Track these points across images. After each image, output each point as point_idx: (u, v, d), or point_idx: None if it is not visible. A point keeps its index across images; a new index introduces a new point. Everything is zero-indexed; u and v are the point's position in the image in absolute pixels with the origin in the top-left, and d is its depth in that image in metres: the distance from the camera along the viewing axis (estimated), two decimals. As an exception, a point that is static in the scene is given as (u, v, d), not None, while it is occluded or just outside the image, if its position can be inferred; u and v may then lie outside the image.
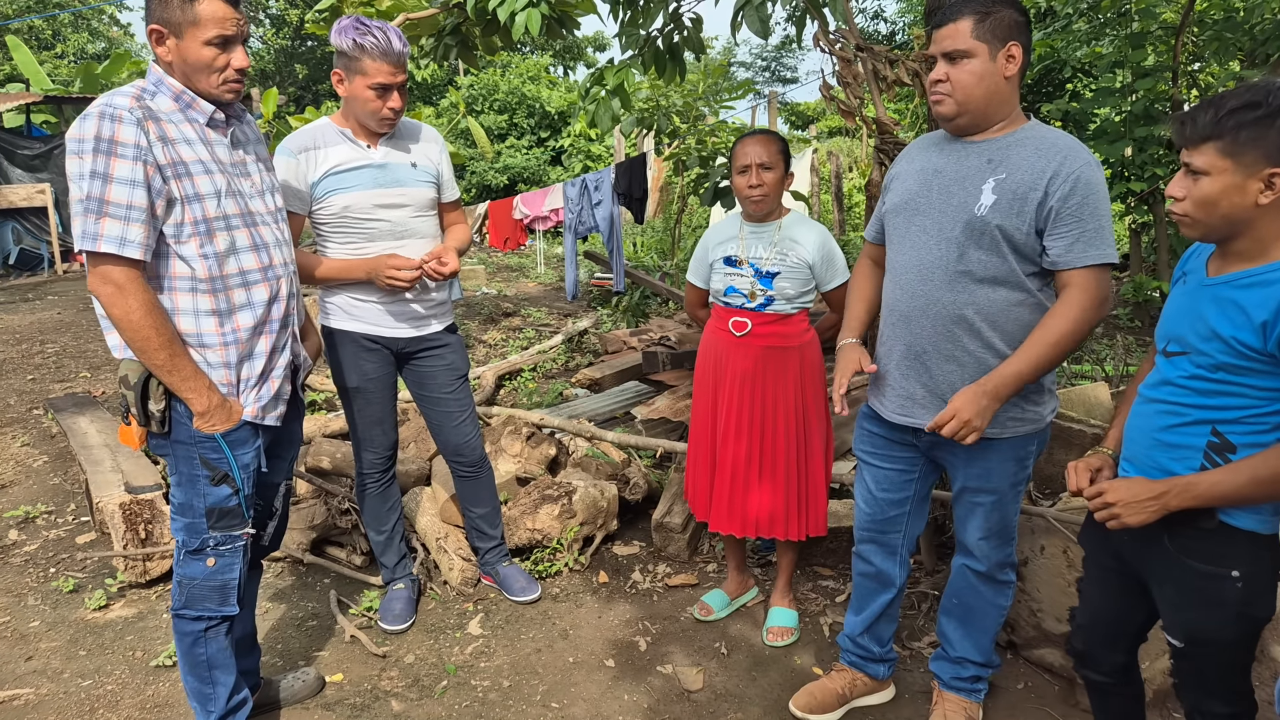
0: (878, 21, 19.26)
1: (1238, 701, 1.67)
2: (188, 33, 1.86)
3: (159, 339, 1.86)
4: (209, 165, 1.94)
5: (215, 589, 2.08)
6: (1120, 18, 4.99)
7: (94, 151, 1.79)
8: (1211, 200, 1.45)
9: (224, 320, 1.98)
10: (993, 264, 1.92)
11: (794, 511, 2.69)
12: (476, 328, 7.46)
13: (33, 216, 10.63)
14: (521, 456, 3.70)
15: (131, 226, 1.81)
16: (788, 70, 35.94)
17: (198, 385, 1.93)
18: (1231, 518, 1.53)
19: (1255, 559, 1.54)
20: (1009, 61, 1.88)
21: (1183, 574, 1.60)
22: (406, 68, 2.48)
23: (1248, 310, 1.45)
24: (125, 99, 1.84)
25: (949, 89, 1.91)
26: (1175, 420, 1.58)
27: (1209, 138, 1.43)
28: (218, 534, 2.04)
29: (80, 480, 4.01)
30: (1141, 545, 1.67)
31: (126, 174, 1.80)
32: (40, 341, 7.18)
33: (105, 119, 1.79)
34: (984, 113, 1.93)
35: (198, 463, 1.99)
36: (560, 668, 2.68)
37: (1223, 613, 1.57)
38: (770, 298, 2.59)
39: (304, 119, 5.13)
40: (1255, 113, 1.39)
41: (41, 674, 2.68)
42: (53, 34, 22.49)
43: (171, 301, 1.93)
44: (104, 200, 1.79)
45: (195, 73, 1.90)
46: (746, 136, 2.60)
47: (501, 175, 15.92)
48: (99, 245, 1.79)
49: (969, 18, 1.87)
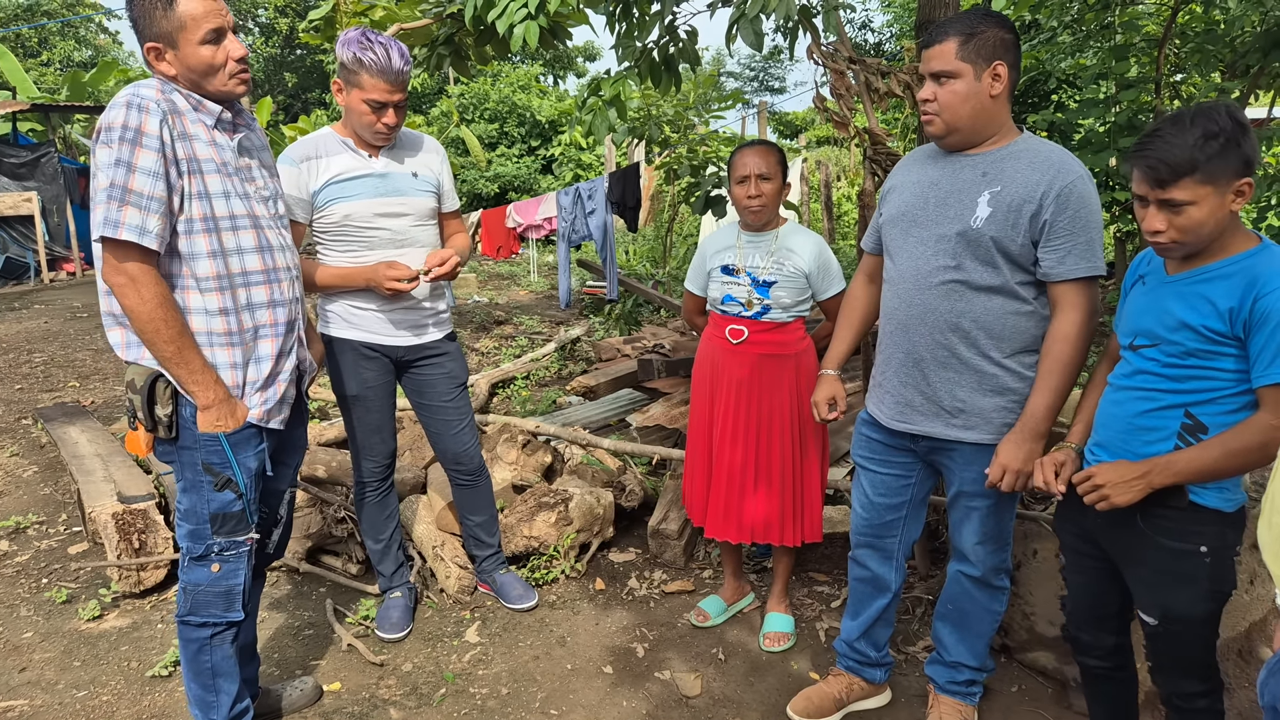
0: (865, 31, 19.42)
1: (1210, 678, 1.79)
2: (181, 39, 1.87)
3: (168, 330, 1.87)
4: (218, 165, 1.95)
5: (220, 594, 2.08)
6: (1104, 30, 5.07)
7: (120, 140, 1.80)
8: (1201, 223, 1.58)
9: (230, 319, 1.99)
10: (988, 274, 1.96)
11: (789, 517, 2.71)
12: (469, 336, 7.46)
13: (19, 225, 10.56)
14: (518, 464, 3.71)
15: (151, 217, 1.83)
16: (776, 80, 36.17)
17: (205, 378, 1.93)
18: (1200, 497, 1.67)
19: (1221, 535, 1.68)
20: (994, 81, 1.92)
21: (1156, 553, 1.73)
22: (406, 87, 2.49)
23: (1213, 300, 1.60)
24: (152, 90, 1.85)
25: (937, 109, 1.97)
26: (1150, 405, 1.70)
27: (1186, 173, 1.55)
28: (222, 539, 2.05)
29: (71, 490, 3.99)
30: (1114, 528, 1.79)
31: (151, 164, 1.81)
32: (28, 351, 7.13)
33: (133, 109, 1.81)
34: (973, 130, 1.97)
35: (201, 468, 1.99)
36: (558, 675, 2.69)
37: (1195, 589, 1.70)
38: (766, 306, 2.62)
39: (298, 128, 5.15)
40: (1217, 141, 1.54)
41: (35, 685, 2.67)
42: (39, 41, 22.37)
43: (182, 299, 1.95)
44: (127, 189, 1.80)
45: (203, 77, 1.92)
46: (745, 147, 2.62)
47: (492, 184, 15.95)
48: (120, 233, 1.80)
49: (953, 39, 1.91)
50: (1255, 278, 1.56)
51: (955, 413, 2.06)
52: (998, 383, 2.02)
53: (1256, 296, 1.55)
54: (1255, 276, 1.56)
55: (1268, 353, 1.54)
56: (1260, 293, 1.54)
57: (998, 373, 2.01)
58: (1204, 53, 4.81)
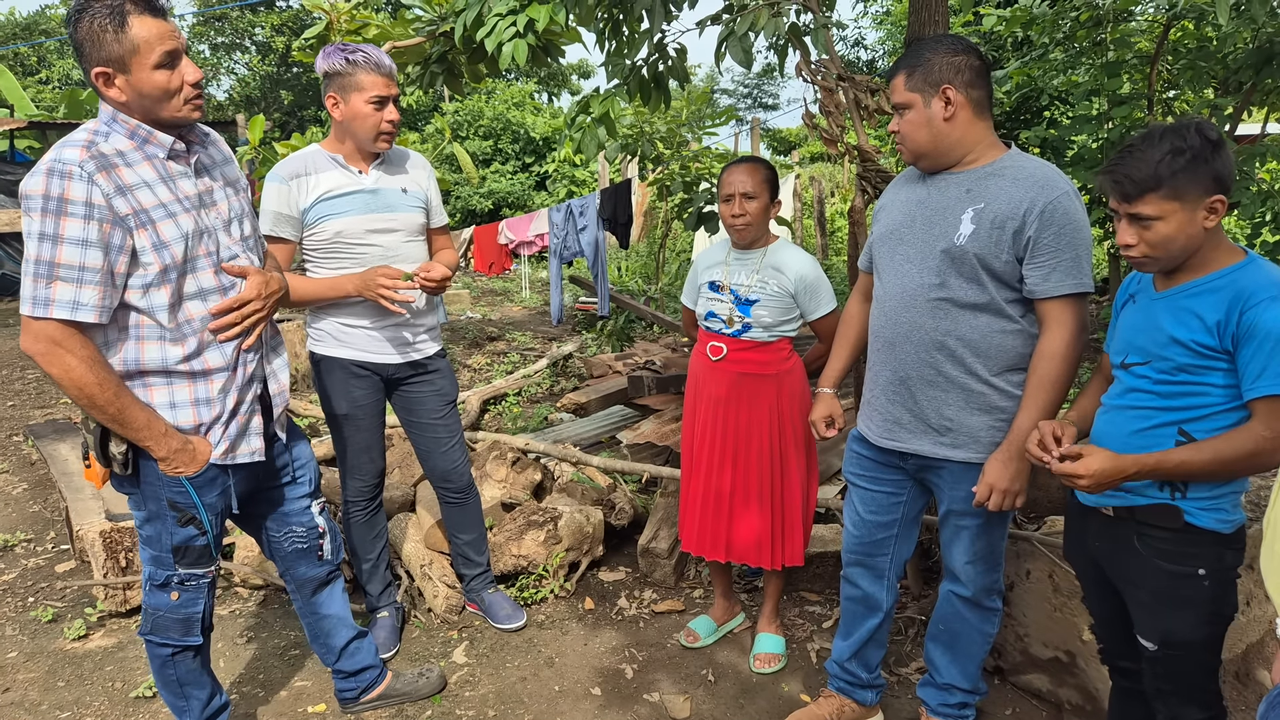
0: (858, 49, 19.55)
1: (1212, 705, 1.76)
2: (133, 64, 1.75)
3: (104, 394, 1.78)
4: (171, 207, 1.84)
5: (179, 621, 2.08)
6: (1096, 47, 5.09)
7: (42, 211, 1.69)
8: (1170, 238, 1.60)
9: (193, 362, 1.92)
10: (973, 291, 1.96)
11: (767, 540, 2.69)
12: (461, 352, 7.45)
13: (14, 241, 10.55)
14: (507, 482, 3.69)
15: (85, 289, 1.72)
16: (769, 97, 36.38)
17: (153, 433, 1.86)
18: (1195, 518, 1.66)
19: (1219, 557, 1.67)
20: (946, 105, 1.94)
21: (1154, 575, 1.71)
22: (397, 82, 2.52)
23: (1201, 315, 1.61)
24: (75, 150, 1.73)
25: (901, 138, 2.03)
26: (1143, 424, 1.69)
27: (1150, 189, 1.57)
28: (183, 570, 2.03)
29: (60, 508, 3.96)
30: (1113, 551, 1.78)
31: (78, 233, 1.70)
32: (20, 367, 7.10)
33: (54, 175, 1.70)
34: (938, 153, 2.00)
35: (165, 503, 1.96)
36: (546, 696, 2.65)
37: (1194, 612, 1.69)
38: (747, 324, 2.60)
39: (291, 145, 5.15)
40: (1183, 157, 1.55)
41: (19, 706, 2.63)
42: (38, 59, 22.47)
43: (138, 350, 1.87)
44: (54, 263, 1.70)
45: (155, 103, 1.80)
46: (732, 164, 2.61)
47: (486, 200, 15.99)
48: (51, 311, 1.71)
49: (902, 73, 2.00)
50: (1240, 291, 1.57)
51: (943, 431, 2.05)
52: (986, 401, 2.01)
53: (1243, 310, 1.56)
54: (1240, 290, 1.57)
55: (1255, 365, 1.55)
56: (1246, 306, 1.55)
57: (986, 391, 2.00)
58: (1196, 69, 4.84)
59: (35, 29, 22.03)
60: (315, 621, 2.42)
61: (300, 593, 2.38)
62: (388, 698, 2.58)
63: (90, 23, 1.73)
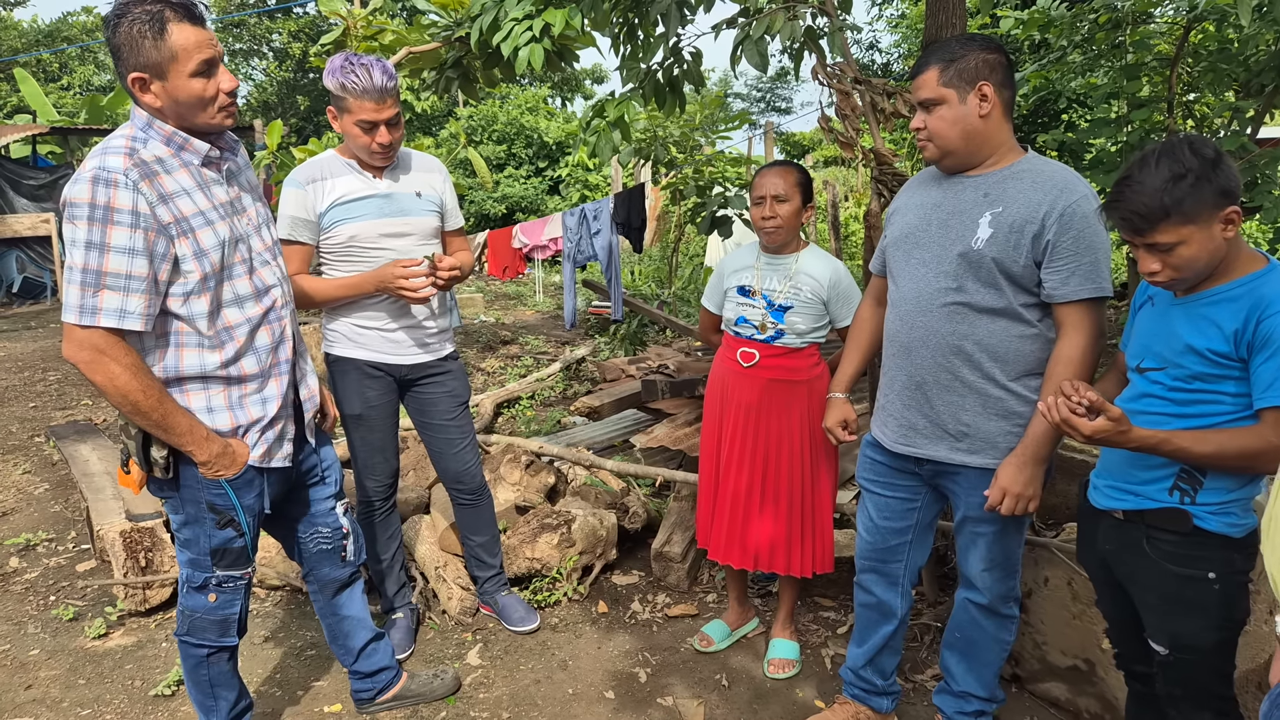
0: (873, 52, 19.48)
1: (1227, 712, 1.75)
2: (171, 70, 1.76)
3: (148, 400, 1.80)
4: (209, 214, 1.87)
5: (216, 622, 2.10)
6: (1115, 49, 5.04)
7: (89, 219, 1.70)
8: (1194, 258, 1.58)
9: (231, 368, 1.95)
10: (990, 296, 1.95)
11: (798, 546, 2.68)
12: (475, 355, 7.47)
13: (36, 245, 10.69)
14: (520, 484, 3.69)
15: (131, 297, 1.74)
16: (783, 101, 36.29)
17: (195, 438, 1.89)
18: (1204, 522, 1.65)
19: (1228, 561, 1.66)
20: (982, 102, 1.91)
21: (1163, 579, 1.71)
22: (395, 100, 2.48)
23: (1219, 323, 1.60)
24: (118, 159, 1.74)
25: (928, 135, 1.98)
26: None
27: (1161, 219, 1.55)
28: (221, 572, 2.05)
29: (81, 508, 4.00)
30: (1123, 554, 1.78)
31: (124, 242, 1.72)
32: (42, 369, 7.19)
33: (99, 183, 1.70)
34: (967, 152, 1.97)
35: (204, 506, 1.98)
36: (560, 699, 2.66)
37: (1204, 617, 1.69)
38: (780, 331, 2.59)
39: (308, 150, 5.20)
40: (1185, 181, 1.52)
41: (41, 703, 2.66)
42: (60, 66, 22.75)
43: (177, 357, 1.90)
44: (101, 272, 1.71)
45: (191, 110, 1.82)
46: (765, 168, 2.59)
47: (500, 205, 16.05)
48: (98, 320, 1.72)
49: (935, 67, 1.94)
50: (1260, 299, 1.56)
51: (960, 436, 2.04)
52: (1003, 406, 1.99)
53: (1260, 318, 1.55)
54: (1260, 298, 1.56)
55: (1267, 374, 1.54)
56: (1265, 314, 1.54)
57: (1003, 396, 1.99)
58: (1217, 72, 4.78)
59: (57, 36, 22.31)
60: (336, 622, 2.43)
61: (322, 594, 2.39)
62: (403, 698, 2.59)
63: (130, 28, 1.73)
